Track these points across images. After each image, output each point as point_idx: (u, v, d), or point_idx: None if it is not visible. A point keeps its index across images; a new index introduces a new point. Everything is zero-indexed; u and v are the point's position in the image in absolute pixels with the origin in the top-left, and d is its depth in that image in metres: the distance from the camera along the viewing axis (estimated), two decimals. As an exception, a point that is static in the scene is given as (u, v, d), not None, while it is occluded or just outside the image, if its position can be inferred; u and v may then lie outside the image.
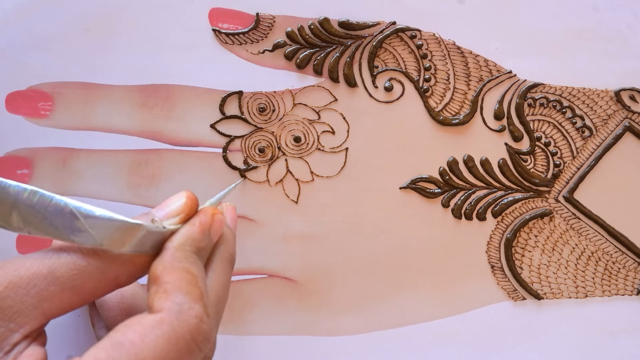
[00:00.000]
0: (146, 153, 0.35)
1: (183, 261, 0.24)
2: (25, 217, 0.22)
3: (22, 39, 0.34)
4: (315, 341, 0.35)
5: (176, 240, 0.24)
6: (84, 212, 0.23)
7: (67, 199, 0.23)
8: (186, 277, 0.23)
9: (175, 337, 0.22)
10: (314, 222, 0.35)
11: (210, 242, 0.26)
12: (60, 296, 0.22)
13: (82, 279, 0.23)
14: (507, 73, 0.35)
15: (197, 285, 0.24)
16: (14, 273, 0.22)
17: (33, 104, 0.34)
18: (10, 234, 0.34)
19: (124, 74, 0.34)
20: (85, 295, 0.23)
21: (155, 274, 0.23)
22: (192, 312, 0.23)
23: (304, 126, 0.35)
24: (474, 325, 0.35)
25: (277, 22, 0.35)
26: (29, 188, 0.22)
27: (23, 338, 0.22)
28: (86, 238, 0.23)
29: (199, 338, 0.23)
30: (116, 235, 0.23)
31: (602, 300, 0.36)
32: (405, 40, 0.35)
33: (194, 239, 0.25)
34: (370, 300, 0.35)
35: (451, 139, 0.35)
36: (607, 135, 0.36)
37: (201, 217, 0.26)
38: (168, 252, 0.24)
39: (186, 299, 0.23)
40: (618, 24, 0.36)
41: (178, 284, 0.23)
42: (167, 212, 0.25)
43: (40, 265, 0.23)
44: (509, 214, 0.36)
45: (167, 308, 0.22)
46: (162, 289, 0.23)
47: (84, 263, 0.23)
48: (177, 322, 0.22)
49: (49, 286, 0.22)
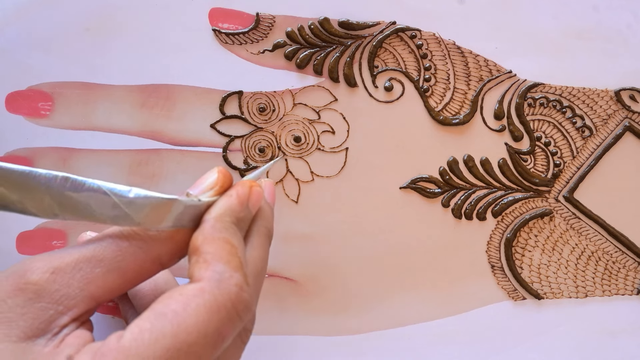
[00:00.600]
0: (146, 153, 0.35)
1: (223, 231, 0.24)
2: (59, 203, 0.22)
3: (22, 39, 0.34)
4: (315, 341, 0.35)
5: (215, 212, 0.25)
6: (118, 193, 0.23)
7: (99, 181, 0.23)
8: (226, 247, 0.24)
9: (216, 305, 0.22)
10: (314, 222, 0.35)
11: (249, 214, 0.26)
12: (106, 278, 0.23)
13: (125, 259, 0.23)
14: (507, 73, 0.35)
15: (236, 255, 0.24)
16: (59, 260, 0.23)
17: (33, 104, 0.34)
18: (10, 234, 0.34)
19: (124, 74, 0.34)
20: (130, 276, 0.23)
21: (195, 245, 0.24)
22: (232, 280, 0.23)
23: (304, 126, 0.35)
24: (474, 325, 0.35)
25: (277, 22, 0.35)
26: (59, 174, 0.22)
27: (71, 321, 0.22)
28: (123, 218, 0.23)
29: (240, 306, 0.23)
30: (152, 213, 0.23)
31: (602, 300, 0.36)
32: (405, 40, 0.35)
33: (232, 209, 0.25)
34: (370, 300, 0.35)
35: (451, 139, 0.35)
36: (607, 135, 0.36)
37: (238, 189, 0.26)
38: (208, 224, 0.24)
39: (226, 267, 0.23)
40: (618, 24, 0.36)
41: (218, 254, 0.23)
42: (202, 188, 0.25)
43: (84, 250, 0.23)
44: (509, 213, 0.36)
45: (208, 277, 0.22)
46: (202, 258, 0.23)
47: (126, 244, 0.23)
48: (217, 290, 0.22)
49: (94, 269, 0.23)
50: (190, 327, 0.21)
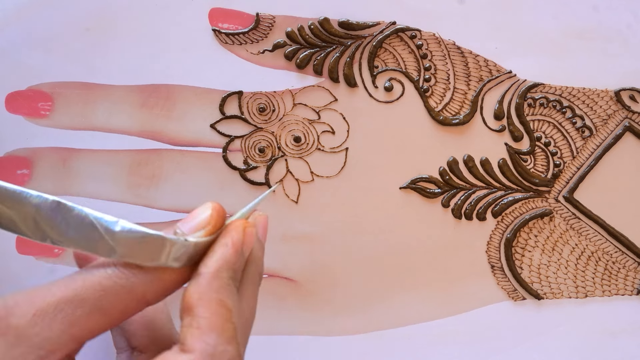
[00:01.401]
0: (146, 153, 0.35)
1: (220, 291, 0.23)
2: (47, 228, 0.22)
3: (22, 39, 0.34)
4: (315, 341, 0.35)
5: (211, 265, 0.24)
6: (104, 224, 0.22)
7: (88, 209, 0.22)
8: (221, 312, 0.23)
9: None
10: (314, 222, 0.35)
11: (243, 261, 0.25)
12: (88, 319, 0.22)
13: (109, 299, 0.22)
14: (507, 73, 0.35)
15: (231, 321, 0.23)
16: (41, 300, 0.22)
17: (33, 104, 0.34)
18: (10, 234, 0.34)
19: (124, 74, 0.34)
20: (114, 315, 0.23)
21: (189, 303, 0.23)
22: (225, 355, 0.22)
23: (304, 126, 0.35)
24: (474, 325, 0.35)
25: (277, 22, 0.35)
26: (50, 198, 0.22)
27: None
28: (107, 251, 0.22)
29: None
30: (138, 248, 0.22)
31: (602, 300, 0.36)
32: (405, 40, 0.35)
33: (228, 261, 0.24)
34: (370, 300, 0.35)
35: (451, 139, 0.35)
36: (607, 135, 0.36)
37: (233, 236, 0.25)
38: (204, 279, 0.23)
39: (220, 340, 0.22)
40: (618, 24, 0.36)
41: (213, 321, 0.22)
42: (192, 226, 0.24)
43: (66, 290, 0.22)
44: (509, 213, 0.36)
45: (200, 349, 0.22)
46: (195, 323, 0.22)
47: (110, 283, 0.23)
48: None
49: (75, 310, 0.22)
50: None
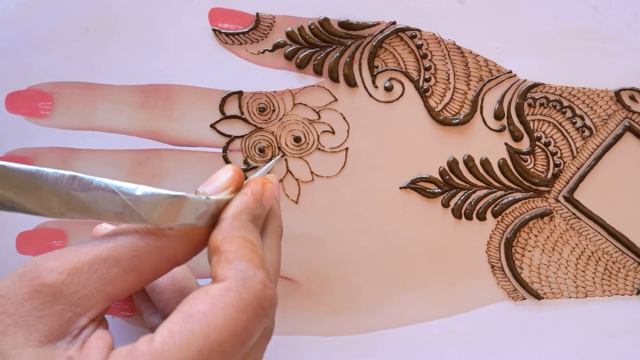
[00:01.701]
0: (146, 153, 0.35)
1: (241, 230, 0.24)
2: (66, 202, 0.22)
3: (22, 39, 0.34)
4: (315, 341, 0.35)
5: (232, 210, 0.25)
6: (126, 191, 0.23)
7: (107, 179, 0.23)
8: (246, 245, 0.24)
9: (243, 304, 0.22)
10: (314, 222, 0.35)
11: (264, 211, 0.26)
12: (122, 278, 0.23)
13: (141, 259, 0.23)
14: (507, 73, 0.35)
15: (257, 252, 0.24)
16: (75, 259, 0.22)
17: (33, 103, 0.34)
18: (10, 234, 0.34)
19: (124, 74, 0.34)
20: (146, 275, 0.23)
21: (215, 244, 0.24)
22: (256, 278, 0.23)
23: (304, 126, 0.35)
24: (474, 325, 0.35)
25: (277, 22, 0.35)
26: (67, 173, 0.22)
27: (90, 322, 0.22)
28: (131, 216, 0.23)
29: (265, 303, 0.23)
30: (161, 210, 0.23)
31: (602, 300, 0.36)
32: (405, 40, 0.35)
33: (248, 207, 0.25)
34: (370, 300, 0.35)
35: (451, 139, 0.35)
36: (607, 135, 0.36)
37: (253, 187, 0.26)
38: (226, 222, 0.24)
39: (249, 265, 0.23)
40: (618, 24, 0.36)
41: (240, 252, 0.23)
42: (215, 187, 0.25)
43: (99, 250, 0.23)
44: (509, 213, 0.36)
45: (232, 276, 0.22)
46: (223, 257, 0.23)
47: (142, 243, 0.23)
48: (243, 288, 0.22)
49: (110, 269, 0.23)
50: (219, 326, 0.21)
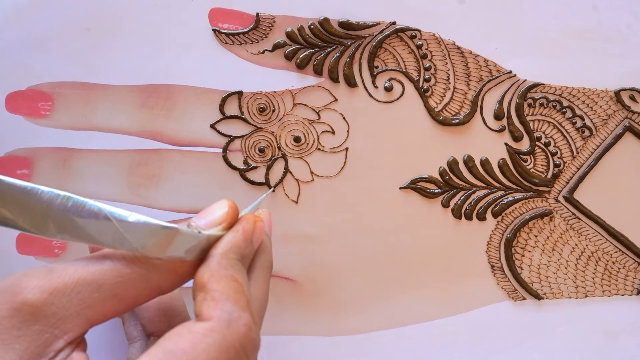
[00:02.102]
0: (146, 153, 0.35)
1: (229, 269, 0.24)
2: (59, 223, 0.22)
3: (22, 39, 0.34)
4: (315, 341, 0.35)
5: (221, 248, 0.24)
6: (118, 217, 0.22)
7: (100, 204, 0.22)
8: (233, 285, 0.23)
9: (225, 346, 0.22)
10: (314, 222, 0.35)
11: (252, 250, 0.26)
12: (104, 303, 0.22)
13: (125, 286, 0.23)
14: (507, 73, 0.35)
15: (243, 293, 0.23)
16: (58, 280, 0.22)
17: (33, 104, 0.34)
18: (10, 234, 0.34)
19: (124, 74, 0.34)
20: (129, 302, 0.23)
21: (201, 282, 0.23)
22: (241, 320, 0.23)
23: (304, 126, 0.35)
24: (474, 325, 0.35)
25: (277, 22, 0.35)
26: (61, 194, 0.22)
27: (66, 345, 0.22)
28: (122, 243, 0.23)
29: (249, 346, 0.23)
30: (152, 240, 0.23)
31: (602, 300, 0.36)
32: (405, 40, 0.35)
33: (238, 246, 0.25)
34: (370, 300, 0.35)
35: (451, 139, 0.35)
36: (607, 135, 0.36)
37: (244, 225, 0.25)
38: (214, 260, 0.24)
39: (235, 307, 0.23)
40: (618, 24, 0.36)
41: (226, 292, 0.23)
42: (209, 221, 0.25)
43: (84, 272, 0.22)
44: (509, 214, 0.36)
45: (217, 316, 0.22)
46: (210, 296, 0.23)
47: (128, 271, 0.23)
48: (227, 330, 0.22)
49: (92, 293, 0.22)
50: None
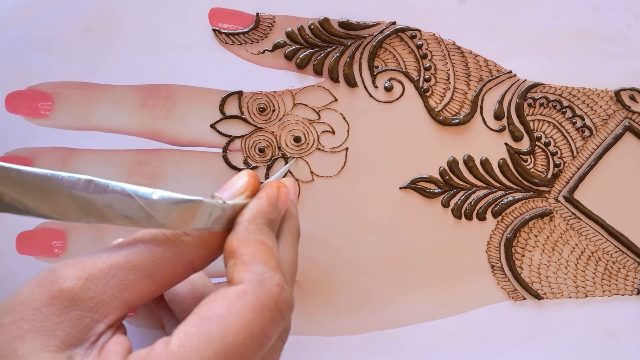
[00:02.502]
0: (146, 153, 0.35)
1: (257, 233, 0.24)
2: (82, 207, 0.22)
3: (22, 39, 0.34)
4: (315, 341, 0.35)
5: (247, 214, 0.25)
6: (142, 195, 0.23)
7: (122, 184, 0.23)
8: (262, 248, 0.24)
9: (260, 306, 0.22)
10: (314, 222, 0.35)
11: (279, 215, 0.26)
12: (139, 284, 0.23)
13: (159, 265, 0.23)
14: (507, 73, 0.35)
15: (273, 255, 0.24)
16: (92, 266, 0.22)
17: (33, 103, 0.34)
18: (10, 234, 0.34)
19: (124, 73, 0.34)
20: (164, 281, 0.23)
21: (231, 248, 0.24)
22: (273, 280, 0.23)
23: (304, 126, 0.35)
24: (474, 325, 0.35)
25: (277, 22, 0.35)
26: (82, 177, 0.22)
27: (107, 328, 0.22)
28: (147, 220, 0.23)
29: (282, 306, 0.23)
30: (177, 214, 0.23)
31: (602, 300, 0.36)
32: (405, 40, 0.35)
33: (264, 211, 0.25)
34: (370, 300, 0.35)
35: (451, 139, 0.35)
36: (607, 135, 0.36)
37: (268, 190, 0.26)
38: (241, 226, 0.24)
39: (266, 268, 0.23)
40: (618, 24, 0.36)
41: (256, 255, 0.23)
42: (232, 192, 0.26)
43: (116, 257, 0.23)
44: (509, 213, 0.36)
45: (249, 279, 0.23)
46: (240, 261, 0.23)
47: (160, 249, 0.23)
48: (260, 291, 0.22)
49: (127, 275, 0.23)
50: (236, 329, 0.21)
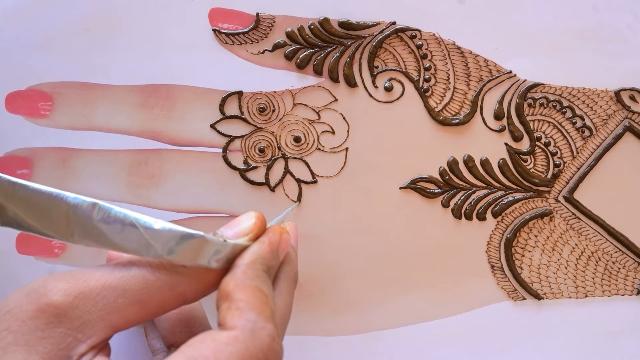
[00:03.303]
0: (146, 153, 0.35)
1: (255, 279, 0.24)
2: (84, 230, 0.22)
3: (22, 39, 0.34)
4: (315, 341, 0.35)
5: (247, 258, 0.24)
6: (144, 225, 0.23)
7: (126, 210, 0.22)
8: (258, 296, 0.23)
9: (248, 355, 0.22)
10: (314, 222, 0.35)
11: (278, 261, 0.26)
12: (128, 309, 0.22)
13: (150, 293, 0.23)
14: (507, 73, 0.35)
15: (268, 304, 0.23)
16: (84, 284, 0.22)
17: (33, 103, 0.34)
18: (10, 234, 0.34)
19: (124, 74, 0.34)
20: (153, 309, 0.23)
21: (226, 290, 0.23)
22: (264, 331, 0.23)
23: (304, 126, 0.35)
24: (474, 325, 0.35)
25: (277, 22, 0.35)
26: (87, 200, 0.22)
27: (89, 349, 0.22)
28: (147, 250, 0.23)
29: (272, 357, 0.23)
30: (178, 248, 0.23)
31: (602, 300, 0.36)
32: (405, 40, 0.35)
33: (264, 257, 0.25)
34: (371, 300, 0.35)
35: (451, 139, 0.35)
36: (607, 135, 0.36)
37: (270, 236, 0.26)
38: (239, 269, 0.24)
39: (259, 317, 0.23)
40: (618, 24, 0.36)
41: (251, 302, 0.23)
42: (237, 232, 0.25)
43: (109, 277, 0.23)
44: (509, 214, 0.36)
45: (241, 326, 0.22)
46: (234, 305, 0.23)
47: (153, 278, 0.23)
48: (250, 340, 0.22)
49: (117, 299, 0.22)
50: None
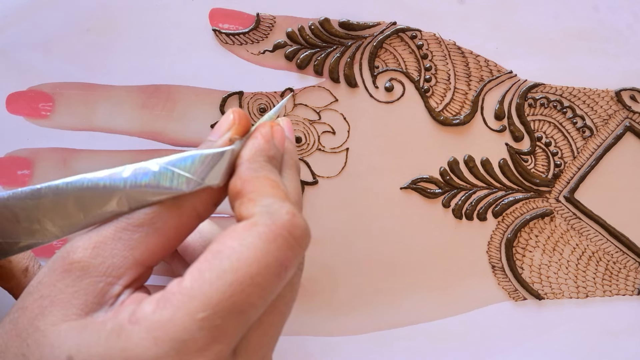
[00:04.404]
0: (146, 153, 0.35)
1: (259, 170, 0.24)
2: (129, 198, 0.23)
3: (23, 40, 0.34)
4: (315, 341, 0.35)
5: (246, 154, 0.24)
6: (173, 161, 0.23)
7: (150, 161, 0.24)
8: (267, 183, 0.23)
9: (272, 235, 0.22)
10: (315, 223, 0.35)
11: (278, 151, 0.26)
12: (147, 241, 0.23)
13: (162, 218, 0.23)
14: (508, 73, 0.35)
15: (280, 187, 0.24)
16: (99, 234, 0.23)
17: (33, 104, 0.34)
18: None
19: (124, 74, 0.34)
20: (171, 234, 0.24)
21: (235, 189, 0.24)
22: (283, 209, 0.22)
23: (304, 126, 0.35)
24: (474, 325, 0.35)
25: (278, 22, 0.35)
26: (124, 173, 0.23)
27: (124, 288, 0.23)
28: (188, 184, 0.23)
29: (297, 232, 0.22)
30: (208, 169, 0.23)
31: (602, 300, 0.36)
32: (406, 40, 0.35)
33: (261, 149, 0.25)
34: (371, 301, 0.35)
35: (452, 139, 0.35)
36: (608, 135, 0.36)
37: (261, 130, 0.26)
38: (243, 166, 0.24)
39: (274, 199, 0.23)
40: (618, 24, 0.36)
41: (262, 190, 0.23)
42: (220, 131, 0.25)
43: (120, 223, 0.23)
44: (510, 214, 0.36)
45: (258, 211, 0.22)
46: (246, 199, 0.23)
47: (158, 204, 0.23)
48: (270, 220, 0.22)
49: (133, 234, 0.23)
50: (249, 259, 0.21)
